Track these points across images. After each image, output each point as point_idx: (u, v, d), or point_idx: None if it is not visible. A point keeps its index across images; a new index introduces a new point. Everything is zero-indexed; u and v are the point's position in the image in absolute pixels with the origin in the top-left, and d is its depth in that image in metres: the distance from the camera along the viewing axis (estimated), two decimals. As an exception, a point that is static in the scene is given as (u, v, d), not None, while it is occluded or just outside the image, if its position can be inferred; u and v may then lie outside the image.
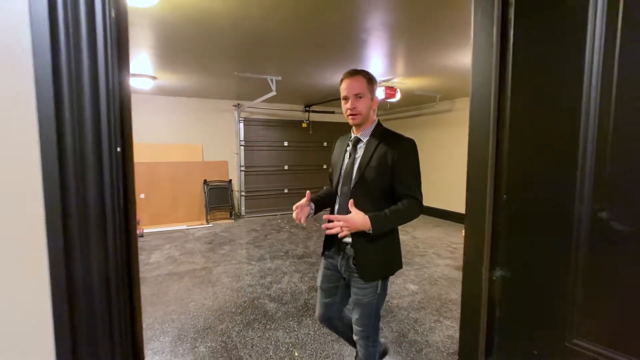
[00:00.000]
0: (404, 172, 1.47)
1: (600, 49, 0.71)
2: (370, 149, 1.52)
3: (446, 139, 6.69)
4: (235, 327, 2.70)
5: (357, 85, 1.49)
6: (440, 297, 3.22)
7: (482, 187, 0.94)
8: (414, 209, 1.46)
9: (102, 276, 0.53)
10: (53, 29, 0.45)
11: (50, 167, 0.46)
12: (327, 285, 1.70)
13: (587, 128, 0.72)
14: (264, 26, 2.89)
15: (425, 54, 3.62)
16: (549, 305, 0.81)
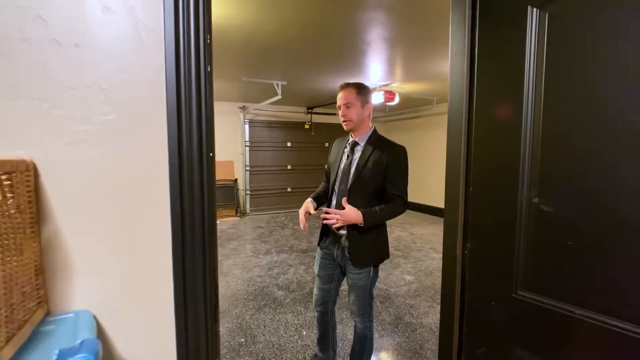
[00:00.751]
0: (395, 174, 1.70)
1: (533, 80, 1.00)
2: (366, 152, 1.75)
3: (443, 140, 6.95)
4: (248, 311, 2.99)
5: (347, 96, 1.74)
6: (435, 287, 3.51)
7: (456, 181, 1.23)
8: (400, 207, 1.72)
9: (200, 228, 0.83)
10: (178, 78, 0.74)
11: (173, 165, 0.75)
12: (325, 273, 1.93)
13: (526, 140, 1.02)
14: (274, 41, 3.19)
15: (421, 62, 3.92)
16: (501, 267, 1.10)
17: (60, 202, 0.75)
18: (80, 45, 0.73)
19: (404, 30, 2.92)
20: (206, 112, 0.78)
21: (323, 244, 1.94)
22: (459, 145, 1.23)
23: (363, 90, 1.76)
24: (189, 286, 0.81)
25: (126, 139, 0.78)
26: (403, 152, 1.75)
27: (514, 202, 1.05)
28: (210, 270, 0.87)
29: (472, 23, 1.19)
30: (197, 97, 0.76)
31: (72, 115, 0.74)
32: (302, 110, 7.85)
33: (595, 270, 0.90)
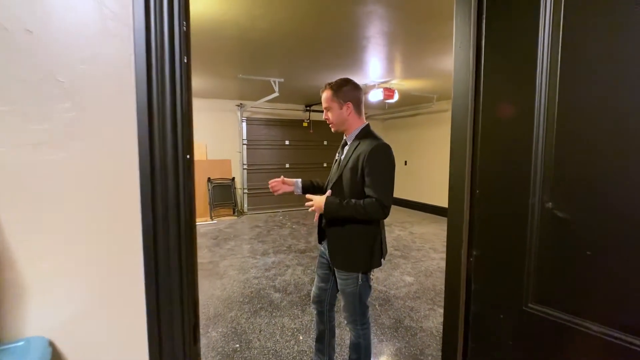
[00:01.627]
0: (369, 174, 1.56)
1: (547, 76, 0.90)
2: (350, 151, 1.66)
3: (443, 138, 6.90)
4: (244, 315, 2.91)
5: (325, 99, 1.69)
6: (435, 288, 3.43)
7: (461, 184, 1.14)
8: (372, 209, 1.54)
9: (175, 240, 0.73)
10: (149, 71, 0.65)
11: (144, 169, 0.65)
12: (322, 272, 1.89)
13: (538, 139, 0.92)
14: (270, 37, 3.09)
15: (421, 59, 3.82)
16: (511, 277, 1.01)
17: (10, 212, 0.66)
18: (34, 32, 0.64)
19: (404, 25, 2.82)
20: (182, 109, 0.69)
21: (320, 242, 1.89)
22: (464, 144, 1.14)
23: (340, 90, 1.65)
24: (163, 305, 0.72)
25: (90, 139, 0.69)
26: (381, 149, 1.58)
27: (524, 206, 0.96)
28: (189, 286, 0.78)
29: (478, 12, 1.09)
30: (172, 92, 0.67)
31: (24, 112, 0.65)
32: (301, 108, 7.75)
33: (618, 285, 0.81)
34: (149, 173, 0.67)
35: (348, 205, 1.58)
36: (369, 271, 1.72)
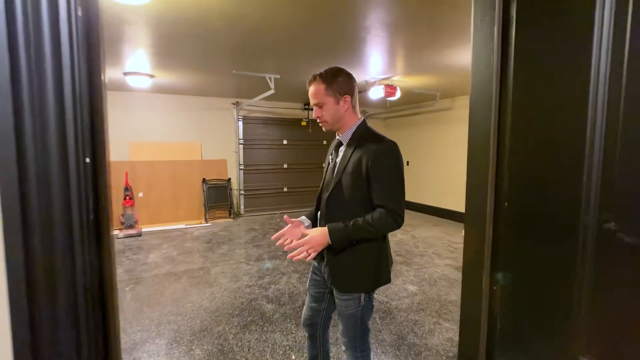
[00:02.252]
0: (377, 179, 1.32)
1: (608, 48, 0.66)
2: (348, 152, 1.41)
3: (446, 137, 6.65)
4: (232, 329, 2.67)
5: (316, 94, 1.40)
6: (440, 299, 3.19)
7: (482, 194, 0.90)
8: (385, 223, 1.31)
9: (69, 294, 0.49)
10: (11, 34, 0.42)
11: (9, 184, 0.42)
12: (315, 291, 1.63)
13: (594, 135, 0.68)
14: (262, 26, 2.85)
15: (425, 52, 3.57)
16: (554, 318, 0.77)
17: None
18: None
19: (406, 13, 2.58)
20: (74, 88, 0.46)
21: (315, 258, 1.60)
22: (486, 144, 0.89)
23: (335, 82, 1.39)
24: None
25: None
26: (389, 149, 1.35)
27: (573, 226, 0.72)
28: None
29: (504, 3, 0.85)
30: (55, 63, 0.44)
31: None
32: (299, 106, 7.50)
33: None
34: (17, 187, 0.44)
35: (357, 227, 1.32)
36: (374, 290, 1.48)
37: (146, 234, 5.64)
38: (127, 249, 4.83)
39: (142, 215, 6.17)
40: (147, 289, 3.44)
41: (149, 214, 6.25)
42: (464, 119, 4.35)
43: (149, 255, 4.54)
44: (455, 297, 3.22)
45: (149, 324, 2.76)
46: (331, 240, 1.34)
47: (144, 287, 3.49)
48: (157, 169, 6.31)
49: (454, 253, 4.57)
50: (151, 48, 3.48)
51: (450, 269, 3.96)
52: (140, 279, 3.71)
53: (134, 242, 5.18)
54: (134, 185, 6.06)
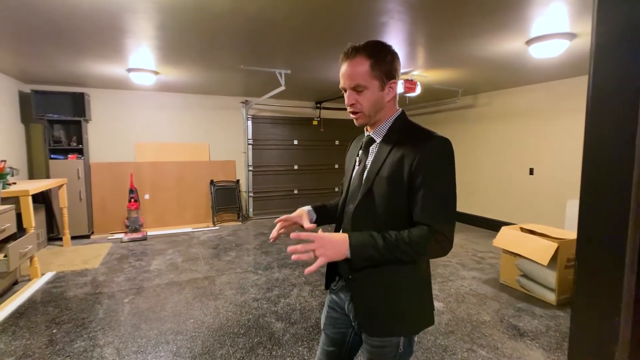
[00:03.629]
0: (422, 189, 0.99)
1: None
2: (383, 152, 1.08)
3: (467, 137, 6.25)
4: (237, 353, 2.36)
5: (354, 73, 1.03)
6: (471, 319, 2.83)
7: (615, 214, 0.56)
8: (426, 243, 0.97)
9: None
10: None
11: None
12: (333, 331, 1.25)
13: None
14: (269, 13, 2.54)
15: (450, 42, 3.22)
16: None
17: None
18: None
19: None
20: None
21: (333, 286, 1.25)
22: (626, 149, 0.55)
23: (384, 60, 1.03)
24: None
25: None
26: (440, 148, 1.01)
27: None
28: None
29: None
30: None
31: None
32: (310, 105, 7.19)
33: None
34: None
35: (388, 243, 0.98)
36: (418, 333, 1.13)
37: (152, 238, 5.40)
38: (131, 254, 4.59)
39: (148, 219, 5.94)
40: (147, 300, 3.17)
41: (155, 216, 6.02)
42: (487, 117, 4.01)
43: (152, 261, 4.28)
44: (487, 317, 2.85)
45: (145, 343, 2.47)
46: (351, 251, 0.98)
47: (144, 298, 3.22)
48: (164, 170, 6.07)
49: (480, 264, 4.19)
50: (154, 40, 3.21)
51: (478, 283, 3.59)
52: (141, 288, 3.45)
53: (138, 246, 4.94)
54: (140, 187, 5.84)
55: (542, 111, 5.04)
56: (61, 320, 2.81)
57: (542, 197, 5.06)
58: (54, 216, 5.12)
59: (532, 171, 5.20)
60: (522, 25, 2.77)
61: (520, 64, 3.95)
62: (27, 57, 3.79)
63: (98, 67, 4.19)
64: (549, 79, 4.77)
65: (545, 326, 2.71)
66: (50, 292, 3.35)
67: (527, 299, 3.21)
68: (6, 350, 2.39)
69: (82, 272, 3.90)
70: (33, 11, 2.53)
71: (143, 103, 5.96)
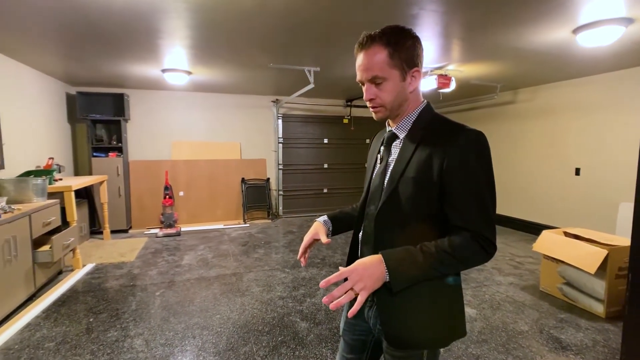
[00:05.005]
0: (458, 189, 0.89)
1: None
2: (408, 149, 0.97)
3: (506, 135, 5.93)
4: (260, 351, 2.35)
5: (371, 64, 0.93)
6: (506, 327, 2.65)
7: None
8: (471, 251, 0.87)
9: None
10: None
11: None
12: (351, 338, 1.17)
13: None
14: (297, 9, 2.50)
15: (488, 32, 3.03)
16: None
17: None
18: None
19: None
20: None
21: None
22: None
23: (403, 47, 0.92)
24: None
25: None
26: (477, 142, 0.90)
27: None
28: None
29: None
30: None
31: None
32: (340, 103, 7.12)
33: None
34: None
35: (431, 259, 0.87)
36: (447, 345, 1.02)
37: (185, 234, 5.56)
38: (165, 249, 4.74)
39: (182, 214, 6.14)
40: (177, 294, 3.25)
41: (189, 213, 6.20)
42: (527, 114, 3.74)
43: (184, 256, 4.40)
44: (525, 327, 2.66)
45: (172, 337, 2.53)
46: (390, 275, 0.87)
47: (174, 292, 3.30)
48: (197, 168, 6.24)
49: (517, 269, 3.94)
50: (186, 40, 3.28)
51: (515, 289, 3.37)
52: (172, 283, 3.54)
53: (172, 241, 5.11)
54: (175, 184, 6.04)
55: (590, 106, 4.66)
56: (98, 310, 2.94)
57: (590, 199, 4.68)
58: (96, 211, 5.40)
59: (579, 171, 4.83)
60: (569, 11, 2.55)
61: (566, 55, 3.66)
62: (73, 60, 4.01)
63: (135, 68, 4.36)
64: (600, 71, 4.40)
65: (591, 340, 2.49)
66: (89, 283, 3.52)
67: (570, 309, 2.96)
68: (48, 335, 2.53)
69: (119, 264, 4.08)
70: (77, 17, 2.65)
71: (178, 103, 6.16)
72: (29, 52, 3.66)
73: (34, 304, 3.04)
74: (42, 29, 2.96)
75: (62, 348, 2.37)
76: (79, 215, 4.41)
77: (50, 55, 3.79)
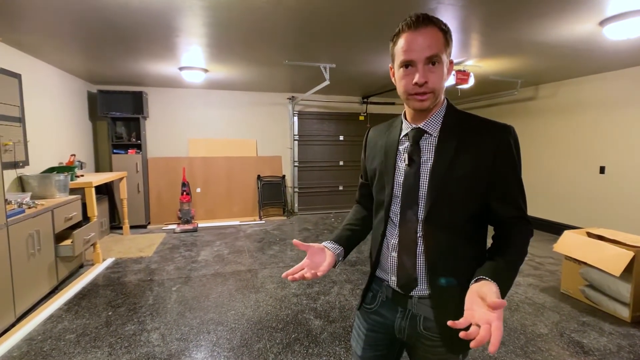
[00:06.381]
0: (508, 182, 0.92)
1: None
2: (447, 148, 0.93)
3: (527, 132, 5.76)
4: (274, 348, 2.36)
5: (433, 42, 0.85)
6: (525, 330, 2.58)
7: None
8: (528, 240, 0.94)
9: None
10: None
11: None
12: (373, 354, 1.07)
13: None
14: (312, 4, 2.48)
15: (509, 26, 2.94)
16: None
17: None
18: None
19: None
20: None
21: (370, 304, 1.08)
22: None
23: (451, 36, 0.92)
24: None
25: None
26: (514, 136, 0.93)
27: None
28: None
29: None
30: None
31: None
32: (357, 100, 7.07)
33: None
34: None
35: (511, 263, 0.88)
36: None
37: (202, 230, 5.64)
38: (182, 244, 4.83)
39: (199, 211, 6.23)
40: (193, 290, 3.30)
41: (206, 209, 6.29)
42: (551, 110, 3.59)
43: (201, 252, 4.47)
44: (544, 329, 2.58)
45: (188, 332, 2.57)
46: (503, 294, 0.84)
47: (190, 287, 3.36)
48: (214, 165, 6.32)
49: (538, 270, 3.83)
50: (202, 38, 3.30)
51: (535, 291, 3.28)
52: (188, 278, 3.60)
53: (189, 237, 5.19)
54: (192, 181, 6.13)
55: (617, 102, 4.47)
56: (116, 303, 3.01)
57: (615, 198, 4.50)
58: (116, 206, 5.54)
59: (603, 170, 4.65)
60: (596, 2, 2.44)
61: (592, 49, 3.52)
62: (94, 59, 4.10)
63: (153, 66, 4.43)
64: (627, 65, 4.21)
65: (616, 345, 2.39)
66: (109, 277, 3.62)
67: (593, 312, 2.86)
68: (69, 327, 2.61)
69: (137, 259, 4.17)
70: (97, 18, 2.71)
71: (195, 100, 6.24)
72: (53, 52, 3.77)
73: (56, 296, 3.14)
74: (64, 30, 3.03)
75: (82, 340, 2.44)
76: (99, 211, 4.53)
77: (73, 54, 3.89)
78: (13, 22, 2.85)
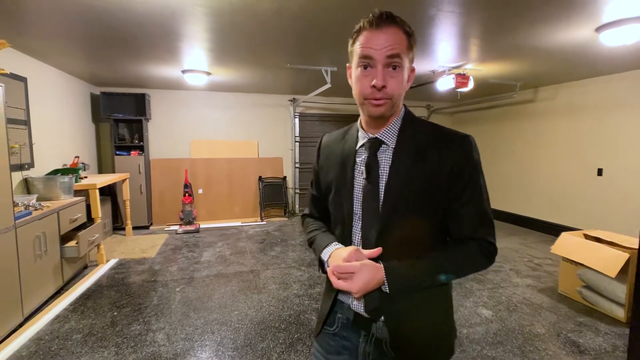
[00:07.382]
0: (464, 198, 0.85)
1: None
2: (403, 160, 0.87)
3: (525, 134, 5.82)
4: (277, 347, 2.42)
5: (396, 43, 0.80)
6: (523, 330, 2.63)
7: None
8: (476, 262, 0.87)
9: None
10: None
11: None
12: None
13: None
14: (313, 9, 2.54)
15: (508, 32, 2.99)
16: None
17: None
18: None
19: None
20: None
21: (331, 328, 0.99)
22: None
23: (415, 40, 0.87)
24: None
25: None
26: (474, 147, 0.87)
27: None
28: None
29: None
30: None
31: None
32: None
33: None
34: None
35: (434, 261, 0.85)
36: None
37: (204, 231, 5.69)
38: (184, 245, 4.88)
39: (201, 212, 6.28)
40: (196, 290, 3.35)
41: (207, 210, 6.34)
42: (549, 112, 3.66)
43: (203, 253, 4.52)
44: (542, 329, 2.64)
45: (192, 332, 2.62)
46: (389, 282, 0.82)
47: (193, 288, 3.41)
48: (216, 166, 6.37)
49: (536, 271, 3.89)
50: (205, 42, 3.36)
51: (532, 291, 3.33)
52: (191, 279, 3.65)
53: (191, 238, 5.24)
54: (194, 182, 6.19)
55: (613, 105, 4.53)
56: (121, 304, 3.06)
57: (612, 200, 4.56)
58: (118, 207, 5.59)
59: (601, 172, 4.71)
60: (592, 10, 2.50)
61: (589, 53, 3.58)
62: (97, 62, 4.16)
63: (156, 69, 4.49)
64: (624, 68, 4.27)
65: (611, 345, 2.45)
66: (113, 278, 3.67)
67: (589, 312, 2.92)
68: (75, 327, 2.66)
69: (140, 260, 4.22)
70: (100, 21, 2.76)
71: (197, 102, 6.29)
72: (58, 55, 3.82)
73: (62, 297, 3.19)
74: (68, 33, 3.09)
75: (89, 340, 2.49)
76: (102, 212, 4.58)
77: (76, 57, 3.94)
78: (20, 27, 2.90)
